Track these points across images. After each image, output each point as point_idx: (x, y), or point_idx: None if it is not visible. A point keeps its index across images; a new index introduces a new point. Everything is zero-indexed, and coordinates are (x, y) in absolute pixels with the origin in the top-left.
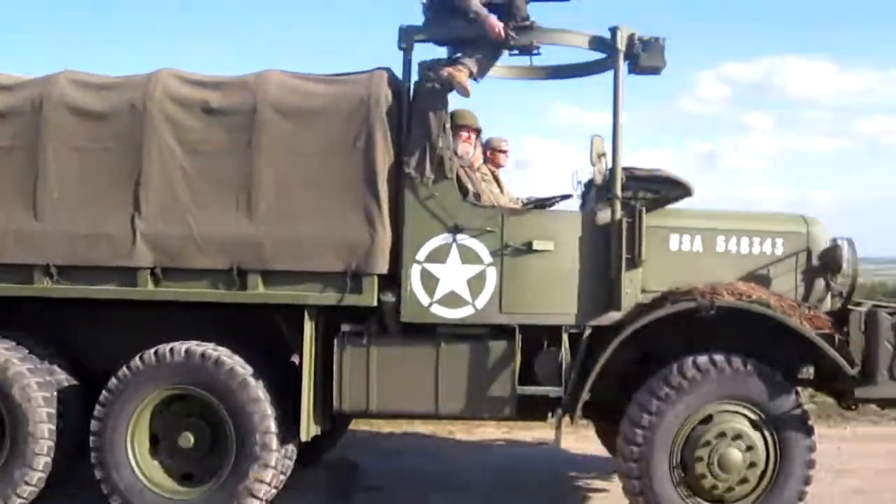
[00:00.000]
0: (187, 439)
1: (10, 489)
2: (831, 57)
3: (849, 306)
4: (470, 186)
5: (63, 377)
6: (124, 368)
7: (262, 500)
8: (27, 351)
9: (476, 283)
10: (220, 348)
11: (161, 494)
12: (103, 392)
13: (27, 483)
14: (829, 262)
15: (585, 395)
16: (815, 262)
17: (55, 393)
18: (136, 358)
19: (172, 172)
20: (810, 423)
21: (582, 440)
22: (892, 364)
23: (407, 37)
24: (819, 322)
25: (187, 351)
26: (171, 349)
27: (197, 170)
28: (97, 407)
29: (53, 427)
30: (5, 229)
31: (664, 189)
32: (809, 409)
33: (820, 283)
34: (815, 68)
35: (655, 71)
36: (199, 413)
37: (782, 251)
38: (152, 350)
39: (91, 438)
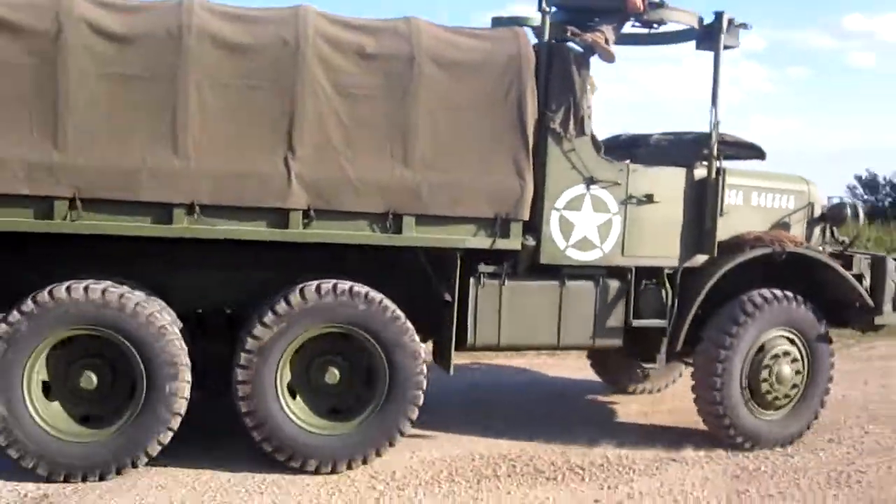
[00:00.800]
0: (334, 375)
1: (151, 434)
2: None
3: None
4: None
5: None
6: (283, 304)
7: (411, 421)
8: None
9: (604, 229)
10: (367, 287)
11: (309, 430)
12: (251, 336)
13: (169, 428)
14: (834, 216)
15: (686, 327)
16: (816, 215)
17: None
18: (296, 294)
19: (327, 115)
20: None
21: (556, 368)
22: (894, 298)
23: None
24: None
25: (351, 290)
26: (335, 286)
27: (351, 114)
28: (245, 353)
29: (188, 369)
30: (139, 166)
31: (743, 152)
32: None
33: (816, 232)
34: None
35: (728, 48)
36: (340, 352)
37: (794, 205)
38: (312, 286)
39: (240, 387)
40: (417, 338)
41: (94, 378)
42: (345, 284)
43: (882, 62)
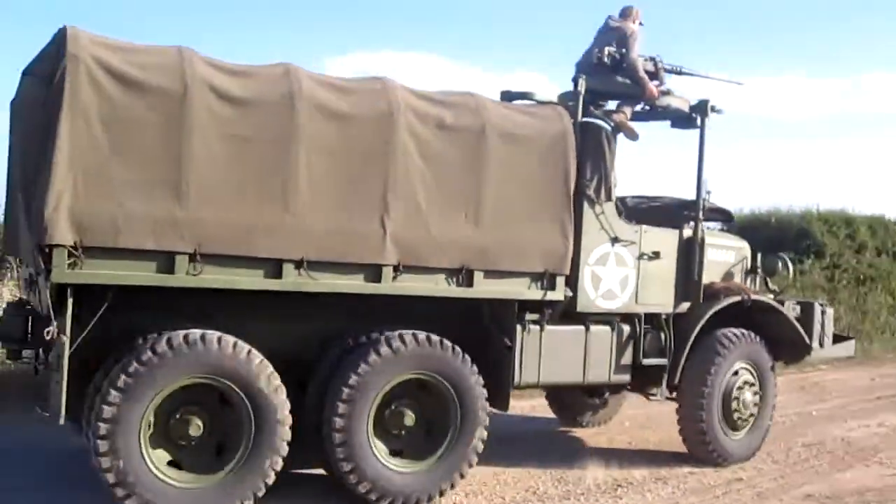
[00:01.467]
0: (411, 418)
1: (258, 477)
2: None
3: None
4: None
5: None
6: (377, 351)
7: (471, 465)
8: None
9: (623, 282)
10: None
11: (393, 469)
12: (346, 385)
13: (273, 469)
14: (768, 268)
15: (682, 363)
16: (749, 266)
17: None
18: (390, 342)
19: (414, 180)
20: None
21: None
22: (821, 338)
23: (577, 86)
24: None
25: (440, 341)
26: (426, 337)
27: (434, 179)
28: (342, 402)
29: (288, 413)
30: (255, 223)
31: (715, 215)
32: None
33: (749, 282)
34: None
35: (694, 125)
36: (415, 397)
37: (734, 259)
38: (395, 335)
39: (337, 435)
40: (482, 384)
41: (201, 425)
42: (430, 335)
43: None
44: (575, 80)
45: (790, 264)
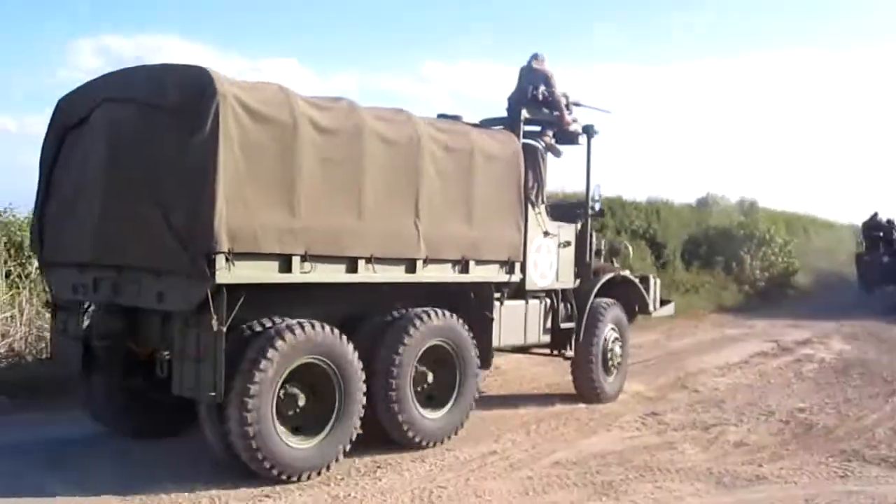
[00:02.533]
0: (431, 376)
1: (343, 440)
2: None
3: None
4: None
5: None
6: (418, 320)
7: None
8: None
9: (550, 265)
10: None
11: (427, 418)
12: (396, 353)
13: (356, 425)
14: (613, 251)
15: (584, 326)
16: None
17: None
18: (423, 315)
19: (433, 190)
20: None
21: None
22: (655, 302)
23: (520, 116)
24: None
25: (446, 314)
26: (444, 312)
27: (443, 190)
28: (396, 356)
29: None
30: (340, 228)
31: (595, 213)
32: None
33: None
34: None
35: (577, 141)
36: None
37: (598, 245)
38: (427, 311)
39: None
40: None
41: (304, 397)
42: (446, 311)
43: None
44: (517, 112)
45: (629, 247)
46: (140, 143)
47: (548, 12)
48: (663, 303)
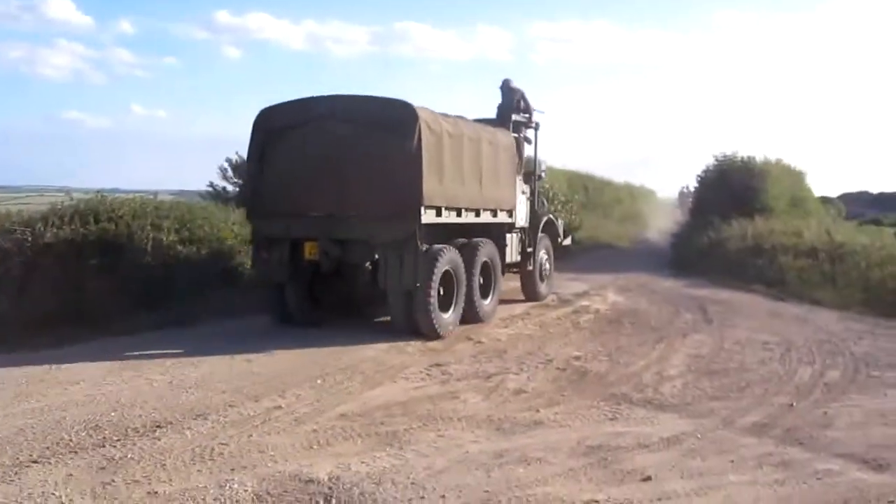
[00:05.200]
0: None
1: (460, 312)
2: None
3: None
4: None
5: None
6: (481, 244)
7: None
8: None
9: (524, 212)
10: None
11: (481, 304)
12: (474, 259)
13: (462, 311)
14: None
15: (536, 255)
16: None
17: None
18: (482, 242)
19: (480, 168)
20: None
21: None
22: (563, 235)
23: (508, 117)
24: None
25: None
26: (488, 241)
27: (487, 169)
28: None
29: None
30: (473, 194)
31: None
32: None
33: None
34: None
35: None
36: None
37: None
38: (485, 239)
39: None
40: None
41: (441, 289)
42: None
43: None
44: (507, 116)
45: (546, 201)
46: (360, 146)
47: None
48: (566, 235)
